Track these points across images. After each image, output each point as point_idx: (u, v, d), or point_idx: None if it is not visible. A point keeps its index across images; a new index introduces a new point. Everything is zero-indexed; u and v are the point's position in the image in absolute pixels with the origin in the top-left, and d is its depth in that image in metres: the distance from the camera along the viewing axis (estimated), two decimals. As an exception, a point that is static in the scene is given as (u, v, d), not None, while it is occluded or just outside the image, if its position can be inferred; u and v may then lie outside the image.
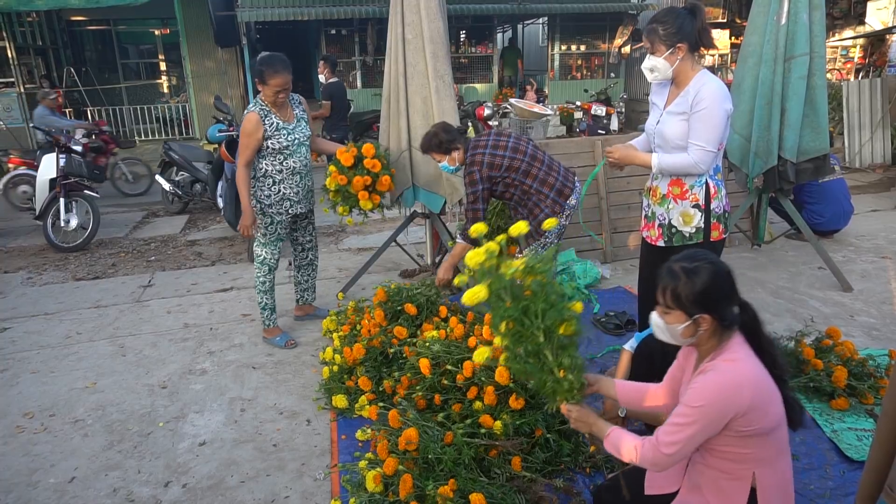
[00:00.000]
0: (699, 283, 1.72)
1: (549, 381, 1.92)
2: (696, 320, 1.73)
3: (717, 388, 1.67)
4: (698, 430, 1.66)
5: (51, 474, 2.71)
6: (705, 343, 1.79)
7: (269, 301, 3.87)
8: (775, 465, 1.73)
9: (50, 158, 6.34)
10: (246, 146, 3.52)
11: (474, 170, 3.33)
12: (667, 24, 2.61)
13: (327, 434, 2.94)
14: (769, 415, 1.68)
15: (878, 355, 3.19)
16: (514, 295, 1.88)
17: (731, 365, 1.70)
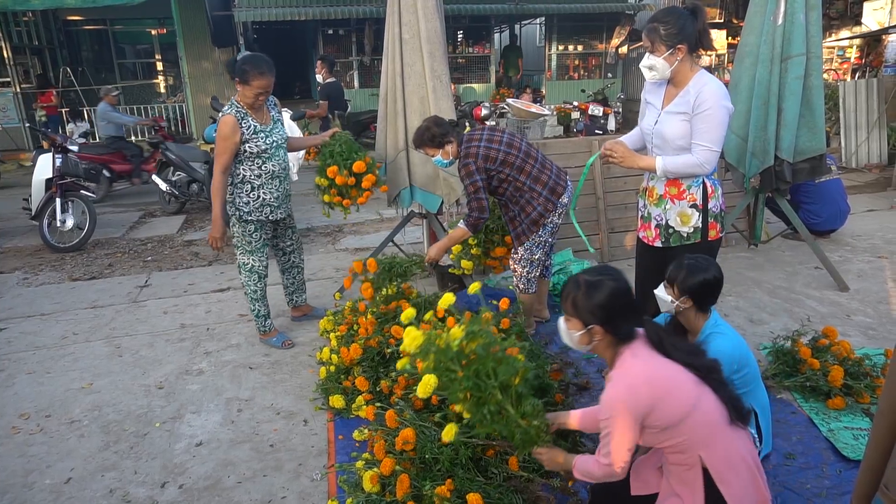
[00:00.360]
0: (597, 297, 1.88)
1: (517, 433, 2.04)
2: (590, 330, 1.90)
3: (614, 396, 1.82)
4: (617, 435, 1.81)
5: (47, 475, 2.71)
6: (604, 352, 1.96)
7: (263, 308, 3.81)
8: (719, 443, 1.82)
9: (46, 158, 6.32)
10: (224, 150, 3.38)
11: (469, 161, 3.31)
12: (668, 25, 2.60)
13: (324, 434, 2.93)
14: (677, 403, 1.80)
15: (874, 354, 3.19)
16: (462, 362, 2.02)
17: (621, 371, 1.86)
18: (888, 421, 1.26)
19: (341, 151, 3.96)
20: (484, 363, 2.03)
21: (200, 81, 13.04)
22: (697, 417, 1.80)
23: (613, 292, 1.88)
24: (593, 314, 1.88)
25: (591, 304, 1.87)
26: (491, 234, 4.00)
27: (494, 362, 2.04)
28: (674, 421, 1.79)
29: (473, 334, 2.07)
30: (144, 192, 8.97)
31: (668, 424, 1.80)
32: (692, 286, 2.40)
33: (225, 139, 3.37)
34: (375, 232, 6.54)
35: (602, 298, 1.87)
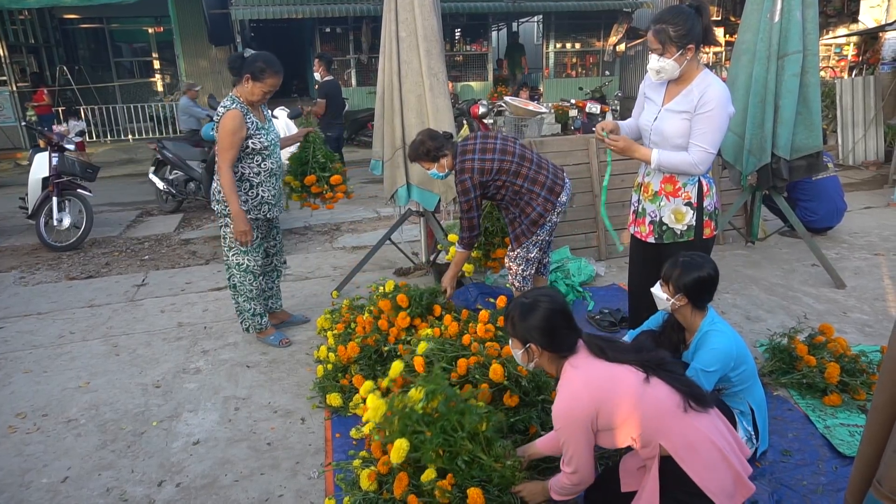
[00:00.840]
0: (532, 318, 2.00)
1: (494, 476, 2.15)
2: (528, 349, 2.04)
3: (560, 407, 1.93)
4: (573, 444, 1.91)
5: (43, 474, 2.70)
6: (548, 368, 2.07)
7: (258, 307, 3.77)
8: (670, 430, 1.89)
9: (42, 157, 6.30)
10: (231, 145, 3.32)
11: (465, 178, 3.32)
12: (678, 26, 2.57)
13: (322, 432, 2.93)
14: (620, 400, 1.89)
15: (870, 351, 3.20)
16: (427, 422, 2.18)
17: (563, 383, 1.98)
18: (882, 417, 1.27)
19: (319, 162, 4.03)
20: (449, 418, 2.19)
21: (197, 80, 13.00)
22: (645, 410, 1.88)
23: (548, 313, 1.99)
24: (530, 334, 2.01)
25: (527, 324, 2.00)
26: (491, 237, 4.01)
27: (458, 414, 2.21)
28: (622, 419, 1.88)
29: (433, 393, 2.25)
30: (141, 190, 8.97)
31: (618, 423, 1.89)
32: (687, 284, 2.41)
33: (233, 133, 3.32)
34: (373, 230, 6.54)
35: (537, 320, 1.99)
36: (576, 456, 1.93)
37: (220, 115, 3.38)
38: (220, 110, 3.39)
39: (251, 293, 3.73)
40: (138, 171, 10.74)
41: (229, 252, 3.65)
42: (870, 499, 1.23)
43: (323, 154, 4.08)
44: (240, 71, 3.40)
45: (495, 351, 2.83)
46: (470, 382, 2.73)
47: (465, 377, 2.73)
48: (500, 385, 2.65)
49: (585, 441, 1.91)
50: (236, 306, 3.81)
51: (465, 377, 2.74)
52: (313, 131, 4.10)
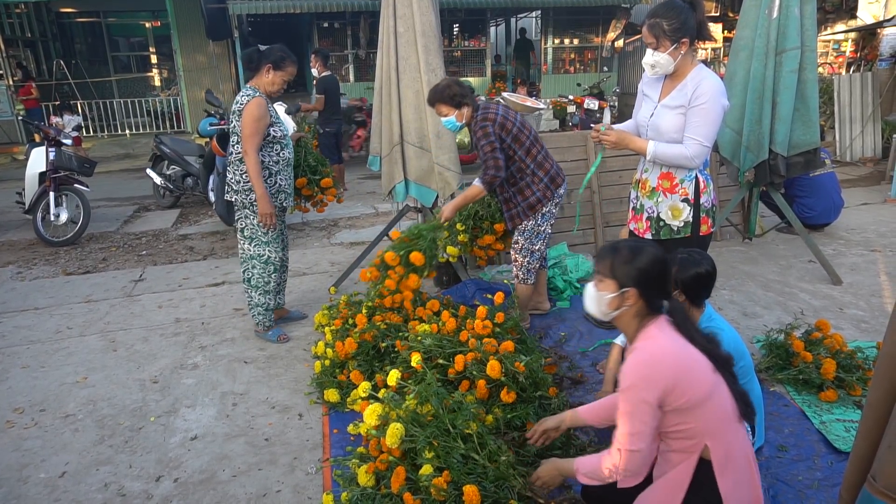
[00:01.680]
0: (638, 261, 1.83)
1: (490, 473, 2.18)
2: (623, 293, 1.83)
3: (636, 365, 1.76)
4: (640, 414, 1.73)
5: (41, 469, 2.70)
6: (628, 323, 1.88)
7: (272, 301, 3.79)
8: (727, 436, 1.80)
9: (39, 152, 6.28)
10: (256, 131, 3.39)
11: (487, 124, 3.32)
12: (671, 20, 2.59)
13: (319, 428, 2.94)
14: (698, 383, 1.75)
15: (866, 347, 3.22)
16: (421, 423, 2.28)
17: (646, 343, 1.81)
18: (877, 413, 1.27)
19: (310, 165, 4.09)
20: (441, 420, 2.24)
21: (195, 75, 12.99)
22: (712, 405, 1.77)
23: (655, 259, 1.84)
24: (630, 277, 1.82)
25: (631, 266, 1.83)
26: (480, 222, 3.99)
27: (451, 413, 2.25)
28: (691, 403, 1.74)
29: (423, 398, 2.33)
30: (138, 186, 8.96)
31: (685, 406, 1.74)
32: (685, 280, 2.41)
33: (259, 119, 3.39)
34: (371, 226, 6.53)
35: (643, 263, 1.83)
36: (641, 432, 1.73)
37: (242, 104, 3.41)
38: (243, 99, 3.43)
39: (269, 286, 3.73)
40: (135, 167, 10.72)
41: (249, 244, 3.66)
42: (864, 494, 1.24)
43: (314, 158, 4.16)
44: (258, 64, 3.48)
45: (493, 347, 2.84)
46: (467, 379, 2.74)
47: (463, 373, 2.74)
48: (498, 381, 2.65)
49: (653, 415, 1.72)
50: (249, 300, 3.80)
51: (462, 373, 2.75)
52: (305, 136, 4.19)
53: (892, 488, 1.17)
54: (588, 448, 2.61)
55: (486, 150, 3.32)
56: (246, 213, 3.61)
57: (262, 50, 3.52)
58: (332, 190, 4.19)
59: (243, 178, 3.51)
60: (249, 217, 3.61)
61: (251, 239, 3.66)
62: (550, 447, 2.57)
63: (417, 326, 3.22)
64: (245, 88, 3.51)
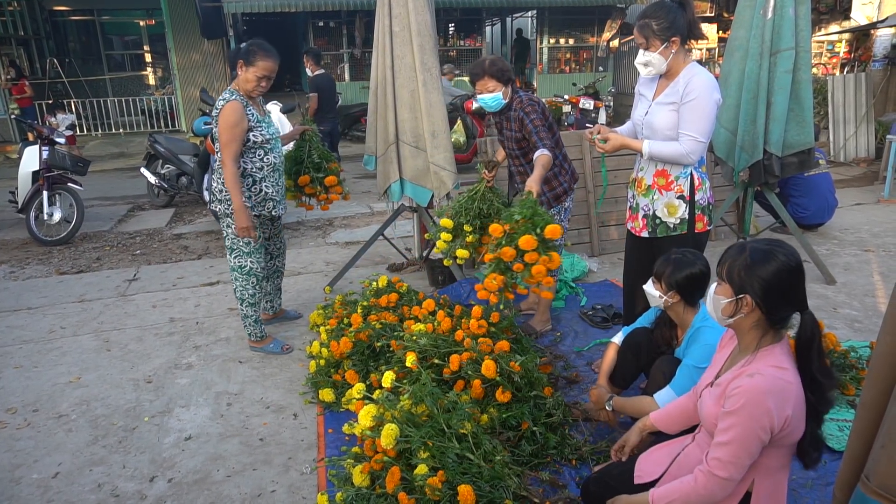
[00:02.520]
0: (761, 268, 1.66)
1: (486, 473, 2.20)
2: (739, 300, 1.69)
3: (761, 393, 1.59)
4: (749, 442, 1.60)
5: (34, 470, 2.69)
6: (745, 332, 1.74)
7: (257, 313, 3.62)
8: (776, 476, 1.72)
9: (33, 151, 6.25)
10: (232, 138, 3.20)
11: (535, 103, 3.35)
12: (660, 19, 2.62)
13: (314, 428, 2.93)
14: (795, 432, 1.63)
15: (859, 347, 3.23)
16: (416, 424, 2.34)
17: (780, 373, 1.62)
18: (870, 413, 1.28)
19: (315, 162, 3.99)
20: (436, 420, 2.25)
21: (190, 74, 12.94)
22: (789, 450, 1.69)
23: (781, 268, 1.64)
24: (749, 284, 1.66)
25: (751, 273, 1.66)
26: (487, 220, 3.96)
27: (446, 416, 2.26)
28: (780, 445, 1.64)
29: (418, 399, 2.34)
30: (132, 185, 8.92)
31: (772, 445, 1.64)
32: (679, 281, 2.42)
33: (235, 126, 3.20)
34: (366, 225, 6.53)
35: (766, 271, 1.65)
36: (742, 463, 1.62)
37: (218, 109, 3.24)
38: (220, 103, 3.25)
39: (253, 298, 3.56)
40: (129, 165, 10.68)
41: (230, 255, 3.50)
42: (858, 494, 1.24)
43: (319, 154, 4.01)
44: (234, 61, 3.32)
45: (488, 347, 2.83)
46: (462, 378, 2.74)
47: (458, 373, 2.74)
48: (493, 381, 2.65)
49: (755, 441, 1.59)
50: (241, 313, 3.63)
51: (457, 373, 2.75)
52: (310, 130, 4.04)
53: (885, 488, 1.17)
54: (583, 447, 2.61)
55: (537, 124, 3.27)
56: (228, 221, 3.42)
57: (239, 47, 3.31)
58: (338, 188, 4.05)
59: (224, 187, 3.33)
60: (231, 227, 3.41)
61: (231, 249, 3.48)
62: (545, 446, 2.58)
63: (413, 326, 3.22)
64: (224, 91, 3.32)
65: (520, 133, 3.41)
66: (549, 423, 2.63)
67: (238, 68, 3.29)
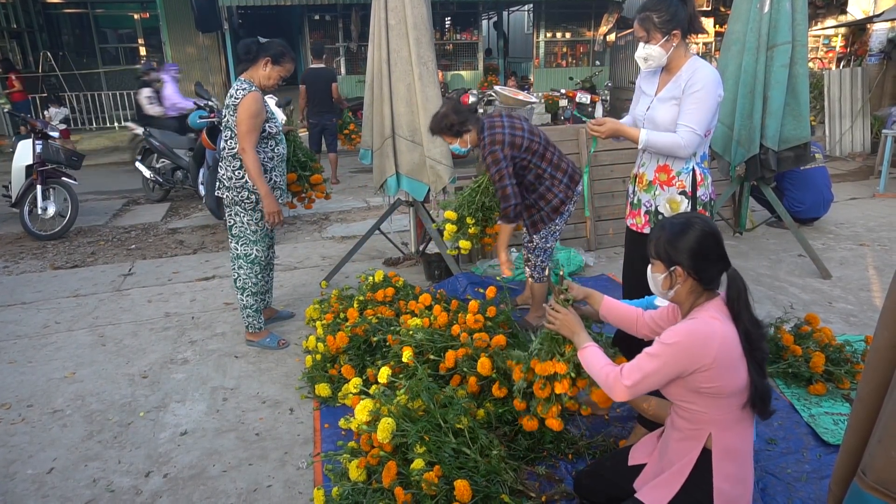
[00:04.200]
0: (683, 240, 1.83)
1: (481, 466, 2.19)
2: (672, 272, 1.85)
3: (689, 332, 1.75)
4: (661, 366, 1.75)
5: (29, 465, 2.68)
6: (685, 299, 1.89)
7: (259, 302, 3.66)
8: (733, 429, 1.79)
9: (26, 144, 6.20)
10: (253, 127, 3.27)
11: (496, 149, 3.20)
12: (661, 12, 2.59)
13: (310, 423, 2.93)
14: (731, 378, 1.73)
15: (854, 341, 3.24)
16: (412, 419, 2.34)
17: (710, 319, 1.78)
18: (867, 407, 1.28)
19: (300, 160, 4.05)
20: (433, 415, 2.24)
21: (184, 67, 12.83)
22: (738, 401, 1.76)
23: (700, 234, 1.82)
24: (676, 255, 1.83)
25: (677, 245, 1.83)
26: (489, 213, 3.96)
27: (443, 411, 2.25)
28: (716, 392, 1.74)
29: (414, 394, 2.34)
30: (127, 179, 8.87)
31: (710, 392, 1.74)
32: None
33: (256, 116, 3.27)
34: (362, 220, 6.51)
35: (689, 240, 1.82)
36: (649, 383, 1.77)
37: (237, 98, 3.27)
38: (238, 93, 3.28)
39: (256, 286, 3.60)
40: (124, 160, 10.61)
41: (237, 243, 3.52)
42: (854, 489, 1.24)
43: (303, 153, 4.10)
44: (256, 56, 3.36)
45: (484, 342, 2.83)
46: (458, 374, 2.74)
47: (454, 369, 2.74)
48: (489, 377, 2.65)
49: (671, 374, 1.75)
50: (239, 302, 3.64)
51: (453, 369, 2.74)
52: (293, 129, 4.15)
53: (881, 482, 1.17)
54: (579, 441, 2.62)
55: (495, 179, 3.23)
56: (236, 210, 3.47)
57: (262, 42, 3.41)
58: (322, 186, 4.15)
59: (236, 174, 3.39)
60: (240, 215, 3.47)
61: (239, 237, 3.52)
62: (542, 440, 2.58)
63: (409, 321, 3.22)
64: (239, 81, 3.37)
65: None
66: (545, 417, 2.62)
67: (262, 64, 3.36)
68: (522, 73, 14.95)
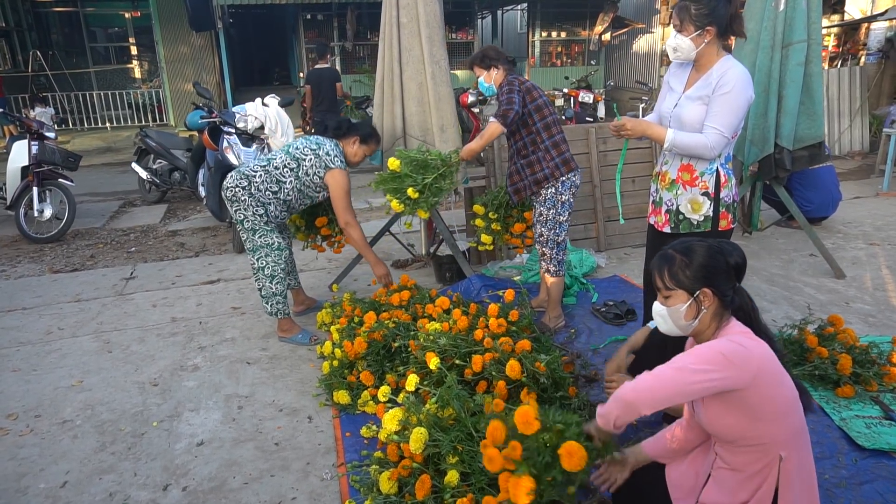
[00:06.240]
0: (697, 259, 1.75)
1: None
2: (697, 297, 1.74)
3: (730, 344, 1.62)
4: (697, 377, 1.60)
5: (41, 479, 2.58)
6: (708, 325, 1.77)
7: (283, 287, 3.65)
8: (797, 446, 1.68)
9: (22, 145, 6.06)
10: (350, 203, 3.63)
11: (513, 80, 3.40)
12: (700, 4, 2.52)
13: (330, 431, 2.84)
14: (781, 389, 1.63)
15: (881, 342, 3.20)
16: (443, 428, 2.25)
17: (741, 336, 1.68)
18: None
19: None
20: (464, 423, 2.18)
21: (178, 67, 12.70)
22: (796, 418, 1.67)
23: (710, 251, 1.75)
24: (699, 278, 1.73)
25: (693, 267, 1.74)
26: (511, 210, 3.94)
27: (474, 419, 2.19)
28: (773, 411, 1.62)
29: (444, 402, 2.27)
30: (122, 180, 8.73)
31: (765, 414, 1.61)
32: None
33: (349, 192, 3.66)
34: (365, 221, 6.40)
35: (703, 259, 1.74)
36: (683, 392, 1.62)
37: (330, 165, 3.56)
38: (335, 161, 3.57)
39: (283, 273, 3.63)
40: (117, 160, 10.47)
41: (254, 235, 3.55)
42: None
43: None
44: (347, 132, 3.72)
45: (509, 347, 2.76)
46: (486, 379, 2.67)
47: (481, 374, 2.67)
48: (518, 382, 2.58)
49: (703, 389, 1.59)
50: (262, 292, 3.63)
51: (480, 374, 2.67)
52: None
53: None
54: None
55: (503, 93, 3.37)
56: (245, 203, 3.47)
57: (354, 122, 3.80)
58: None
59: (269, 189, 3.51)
60: (250, 209, 3.48)
61: (254, 230, 3.54)
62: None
63: (427, 325, 3.14)
64: (336, 146, 3.65)
65: None
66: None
67: (351, 141, 3.72)
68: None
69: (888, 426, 2.69)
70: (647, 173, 5.19)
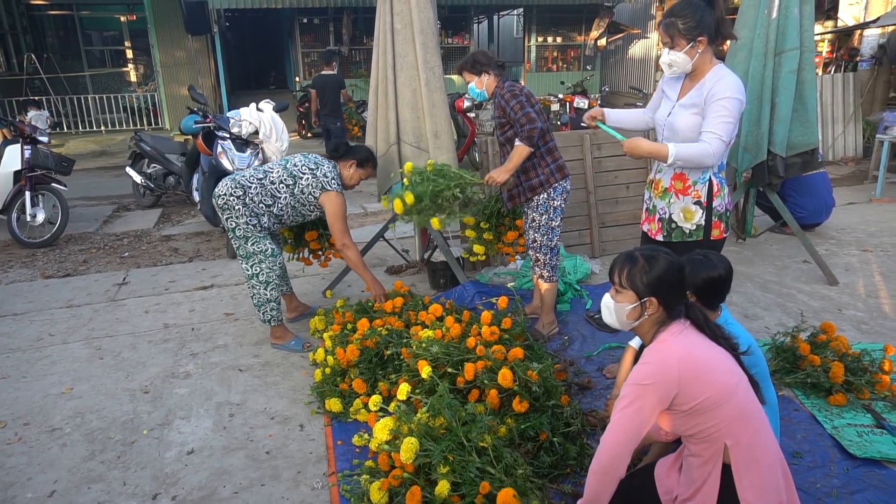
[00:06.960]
0: (656, 270, 1.85)
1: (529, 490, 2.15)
2: (644, 303, 1.87)
3: (644, 371, 1.79)
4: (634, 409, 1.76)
5: (28, 488, 2.55)
6: (647, 331, 1.91)
7: (278, 294, 3.64)
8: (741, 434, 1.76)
9: (14, 149, 6.04)
10: (346, 226, 3.70)
11: (515, 88, 3.38)
12: (686, 18, 2.53)
13: (322, 439, 2.83)
14: (709, 386, 1.74)
15: (872, 350, 3.20)
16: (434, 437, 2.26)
17: (657, 347, 1.84)
18: None
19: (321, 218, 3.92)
20: (455, 433, 2.20)
21: (173, 70, 12.68)
22: (733, 404, 1.75)
23: (671, 266, 1.85)
24: (650, 286, 1.85)
25: (650, 275, 1.85)
26: (502, 219, 3.94)
27: (465, 428, 2.21)
28: (707, 405, 1.73)
29: (436, 411, 2.28)
30: (116, 184, 8.70)
31: (699, 409, 1.74)
32: (696, 283, 2.34)
33: (345, 215, 3.71)
34: (360, 227, 6.41)
35: (660, 271, 1.84)
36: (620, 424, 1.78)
37: (326, 186, 3.59)
38: (331, 184, 3.60)
39: (278, 279, 3.62)
40: (112, 164, 10.44)
41: (247, 243, 3.52)
42: None
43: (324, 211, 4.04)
44: (344, 154, 3.76)
45: (501, 355, 2.76)
46: (477, 388, 2.66)
47: (473, 382, 2.66)
48: (510, 391, 2.57)
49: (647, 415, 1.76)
50: (256, 299, 3.60)
51: (472, 382, 2.66)
52: None
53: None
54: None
55: (517, 109, 3.31)
56: (238, 211, 3.45)
57: (351, 145, 3.81)
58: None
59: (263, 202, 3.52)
60: (242, 217, 3.46)
61: (247, 238, 3.51)
62: (565, 457, 2.50)
63: (420, 332, 3.13)
64: (333, 167, 3.67)
65: (503, 118, 3.45)
66: (568, 432, 2.56)
67: (347, 164, 3.76)
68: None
69: (880, 434, 2.69)
70: (641, 180, 5.19)
